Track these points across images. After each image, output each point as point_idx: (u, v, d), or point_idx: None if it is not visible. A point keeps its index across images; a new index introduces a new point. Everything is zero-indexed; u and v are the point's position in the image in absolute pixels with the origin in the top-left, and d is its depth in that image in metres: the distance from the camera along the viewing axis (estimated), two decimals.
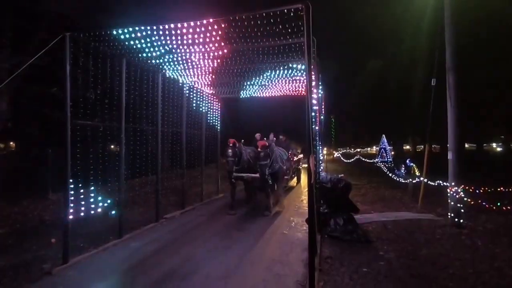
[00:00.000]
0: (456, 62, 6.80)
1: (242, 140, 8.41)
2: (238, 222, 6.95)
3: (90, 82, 5.23)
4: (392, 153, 26.09)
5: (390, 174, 13.06)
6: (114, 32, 4.69)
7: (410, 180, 9.89)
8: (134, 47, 5.23)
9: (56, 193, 8.58)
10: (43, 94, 7.21)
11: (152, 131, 7.13)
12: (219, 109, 10.28)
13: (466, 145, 31.82)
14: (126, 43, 5.04)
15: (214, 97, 9.98)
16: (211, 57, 5.95)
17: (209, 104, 9.73)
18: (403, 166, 14.64)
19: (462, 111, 6.88)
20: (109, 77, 5.32)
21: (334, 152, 37.04)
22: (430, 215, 7.40)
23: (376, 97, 23.76)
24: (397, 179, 11.90)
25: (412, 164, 12.82)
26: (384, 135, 26.01)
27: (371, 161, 24.11)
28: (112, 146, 8.20)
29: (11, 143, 14.51)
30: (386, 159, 24.00)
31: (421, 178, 8.34)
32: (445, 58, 6.94)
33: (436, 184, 7.65)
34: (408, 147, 32.48)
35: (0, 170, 7.42)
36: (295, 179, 12.80)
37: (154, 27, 4.52)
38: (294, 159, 11.03)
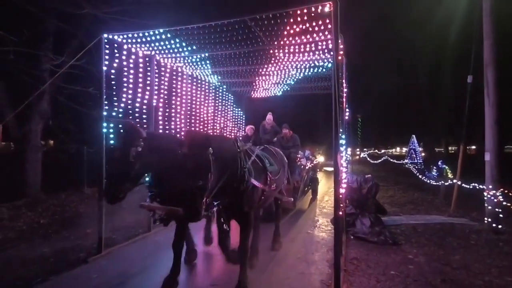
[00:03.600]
0: (495, 56, 6.39)
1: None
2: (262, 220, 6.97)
3: (123, 81, 5.48)
4: (423, 154, 24.96)
5: (420, 176, 12.53)
6: (146, 33, 4.88)
7: (442, 182, 9.44)
8: (163, 47, 5.42)
9: (91, 187, 9.10)
10: (80, 93, 7.67)
11: (180, 130, 7.33)
12: (244, 108, 10.38)
13: (506, 147, 29.75)
14: (157, 43, 5.23)
15: (240, 96, 10.08)
16: (237, 56, 6.02)
17: (235, 103, 9.85)
18: (434, 168, 13.97)
19: (501, 110, 6.45)
20: (140, 77, 5.55)
21: (360, 152, 36.08)
22: (464, 220, 7.02)
23: (407, 96, 22.84)
24: (428, 181, 11.39)
25: (444, 166, 12.23)
26: (414, 136, 24.94)
27: (400, 162, 23.17)
28: None
29: (51, 141, 15.49)
30: (416, 161, 23.00)
31: (455, 181, 7.92)
32: (483, 52, 6.54)
33: (471, 187, 7.24)
34: (440, 148, 30.94)
35: (41, 165, 7.94)
36: (309, 194, 8.91)
37: (183, 28, 4.66)
38: (307, 166, 7.86)
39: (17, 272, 3.98)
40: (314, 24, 4.34)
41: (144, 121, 5.74)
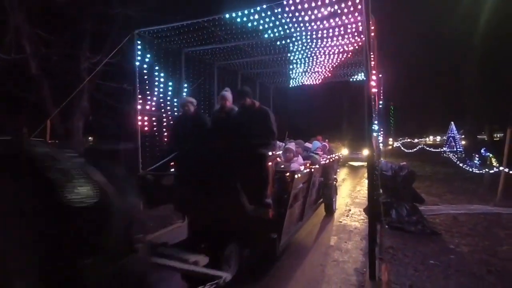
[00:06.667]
0: None
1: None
2: None
3: (154, 76, 5.68)
4: (463, 142, 23.36)
5: (461, 165, 11.78)
6: (175, 27, 4.99)
7: (487, 170, 8.80)
8: (191, 40, 5.52)
9: None
10: (115, 89, 8.07)
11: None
12: (271, 98, 10.33)
13: None
14: (185, 36, 5.33)
15: (266, 86, 10.03)
16: (263, 45, 5.98)
17: (260, 93, 9.82)
18: (477, 156, 13.04)
19: None
20: (170, 71, 5.72)
21: (393, 142, 34.59)
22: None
23: (445, 81, 21.34)
24: (470, 170, 10.67)
25: (488, 153, 11.39)
26: (452, 123, 23.41)
27: (437, 150, 21.90)
28: None
29: (89, 137, 16.44)
30: (455, 149, 21.62)
31: (501, 168, 7.34)
32: None
33: None
34: (483, 136, 28.79)
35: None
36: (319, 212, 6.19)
37: (210, 18, 4.71)
38: (315, 166, 4.93)
39: None
40: (343, 5, 4.19)
41: (176, 114, 5.92)
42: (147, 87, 5.41)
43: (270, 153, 3.62)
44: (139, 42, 5.06)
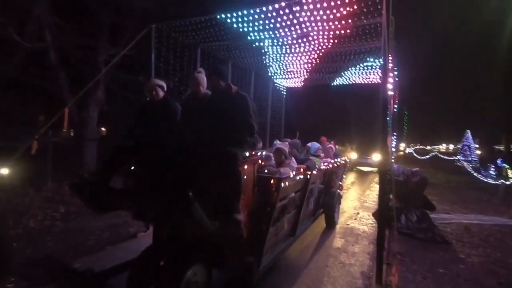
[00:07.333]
0: None
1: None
2: None
3: (170, 70, 5.74)
4: (478, 152, 22.78)
5: (475, 174, 11.49)
6: (192, 21, 5.02)
7: (502, 181, 8.56)
8: (208, 35, 5.54)
9: None
10: (130, 81, 8.20)
11: None
12: (284, 98, 10.30)
13: None
14: (202, 31, 5.35)
15: (279, 85, 10.01)
16: (279, 43, 5.95)
17: (273, 93, 9.80)
18: (492, 166, 12.71)
19: None
20: (185, 66, 5.77)
21: (405, 148, 34.01)
22: None
23: (463, 87, 20.84)
24: (485, 180, 10.41)
25: (504, 164, 11.09)
26: (468, 131, 22.84)
27: (451, 158, 21.43)
28: None
29: (102, 128, 16.67)
30: (469, 158, 21.10)
31: None
32: None
33: None
34: (499, 145, 28.01)
35: (97, 151, 8.66)
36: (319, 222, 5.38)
37: (228, 14, 4.72)
38: (312, 171, 4.06)
39: (78, 241, 4.44)
40: (362, 5, 4.12)
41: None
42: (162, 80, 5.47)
43: (246, 154, 2.84)
44: (156, 35, 5.12)
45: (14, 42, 6.49)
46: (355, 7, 4.23)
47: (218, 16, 4.85)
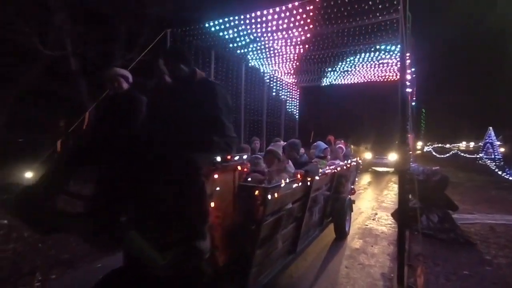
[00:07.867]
0: None
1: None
2: None
3: None
4: (502, 149, 21.86)
5: (499, 173, 11.03)
6: (206, 25, 5.09)
7: None
8: (222, 38, 5.60)
9: None
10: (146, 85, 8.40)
11: (235, 119, 7.56)
12: (298, 98, 10.25)
13: None
14: (216, 35, 5.42)
15: (294, 86, 9.97)
16: (293, 43, 5.94)
17: (288, 93, 9.79)
18: None
19: None
20: (200, 69, 5.84)
21: (423, 147, 33.08)
22: None
23: (484, 83, 20.11)
24: (510, 179, 9.98)
25: None
26: (491, 128, 21.96)
27: (472, 156, 20.67)
28: None
29: None
30: (493, 156, 20.28)
31: None
32: None
33: None
34: None
35: None
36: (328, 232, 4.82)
37: (242, 16, 4.75)
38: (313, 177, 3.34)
39: None
40: (378, 1, 4.06)
41: None
42: None
43: (217, 158, 2.13)
44: (171, 39, 5.22)
45: (37, 50, 6.79)
46: (370, 3, 4.17)
47: (231, 19, 4.89)
